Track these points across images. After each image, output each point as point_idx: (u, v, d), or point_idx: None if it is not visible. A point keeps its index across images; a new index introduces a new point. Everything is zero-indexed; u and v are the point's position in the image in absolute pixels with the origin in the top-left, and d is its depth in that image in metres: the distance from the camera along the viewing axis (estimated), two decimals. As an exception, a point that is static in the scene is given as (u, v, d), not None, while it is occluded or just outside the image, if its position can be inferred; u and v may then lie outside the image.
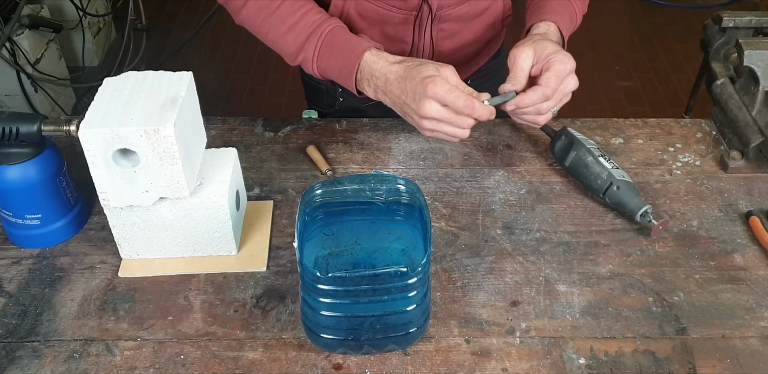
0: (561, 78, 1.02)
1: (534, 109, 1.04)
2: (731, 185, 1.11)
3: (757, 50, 1.11)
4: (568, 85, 1.04)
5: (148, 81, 0.92)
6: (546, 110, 1.04)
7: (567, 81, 1.03)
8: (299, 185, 1.11)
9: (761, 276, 0.97)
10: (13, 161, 0.93)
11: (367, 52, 1.05)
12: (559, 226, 1.04)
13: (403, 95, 1.02)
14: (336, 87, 1.32)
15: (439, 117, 1.00)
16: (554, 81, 1.01)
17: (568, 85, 1.04)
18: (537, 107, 1.03)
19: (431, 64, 1.02)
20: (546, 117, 1.06)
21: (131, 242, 0.96)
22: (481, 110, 1.00)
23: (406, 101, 1.02)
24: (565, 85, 1.03)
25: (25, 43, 2.48)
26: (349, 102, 1.34)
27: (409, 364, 0.86)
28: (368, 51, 1.05)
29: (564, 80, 1.03)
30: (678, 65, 3.23)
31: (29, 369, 0.85)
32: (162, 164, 0.87)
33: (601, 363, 0.86)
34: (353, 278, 0.79)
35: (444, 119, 1.01)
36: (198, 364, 0.86)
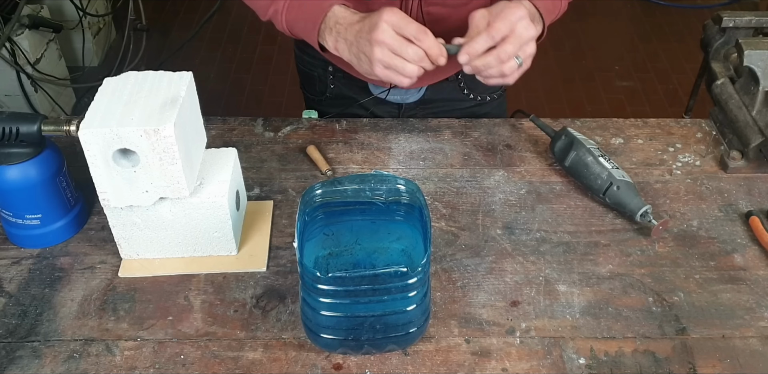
0: (509, 22, 0.99)
1: (495, 58, 0.99)
2: (731, 185, 1.11)
3: (757, 50, 1.11)
4: (523, 31, 0.99)
5: (148, 81, 0.92)
6: (506, 56, 0.99)
7: (520, 27, 0.99)
8: (299, 185, 1.11)
9: (761, 276, 0.97)
10: (13, 161, 0.93)
11: (336, 5, 1.06)
12: (559, 226, 1.04)
13: (358, 34, 1.02)
14: (327, 74, 1.33)
15: (390, 42, 0.99)
16: (500, 23, 0.98)
17: (523, 31, 0.99)
18: (497, 55, 0.99)
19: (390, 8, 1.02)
20: (510, 66, 1.01)
21: (131, 242, 0.96)
22: (430, 41, 0.99)
23: (360, 35, 1.02)
24: (519, 32, 0.99)
25: (25, 43, 2.48)
26: (339, 89, 1.34)
27: (409, 364, 0.86)
28: (337, 5, 1.06)
29: (516, 25, 0.99)
30: (678, 65, 3.23)
31: (29, 369, 0.85)
32: (162, 164, 0.87)
33: (601, 363, 0.86)
34: (353, 278, 0.79)
35: (395, 47, 0.99)
36: (198, 364, 0.86)
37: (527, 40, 1.01)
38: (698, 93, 1.38)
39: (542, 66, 3.19)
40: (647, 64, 3.25)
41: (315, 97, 1.40)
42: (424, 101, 1.32)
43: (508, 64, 1.01)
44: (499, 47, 0.99)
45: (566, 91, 3.09)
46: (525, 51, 1.02)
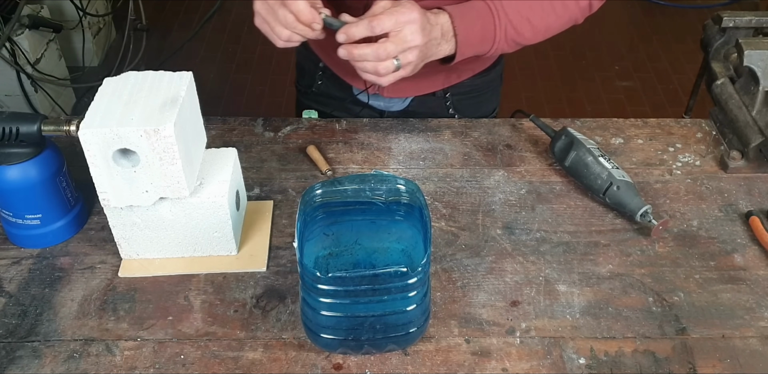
0: (395, 19, 0.96)
1: (372, 52, 0.97)
2: (731, 185, 1.11)
3: (757, 50, 1.11)
4: (408, 35, 0.97)
5: (148, 81, 0.92)
6: (385, 54, 0.97)
7: (408, 30, 0.97)
8: (299, 185, 1.11)
9: (761, 276, 0.97)
10: (13, 161, 0.93)
11: None
12: (559, 226, 1.04)
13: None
14: (317, 69, 1.32)
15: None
16: (387, 18, 0.96)
17: (408, 35, 0.97)
18: (375, 50, 0.97)
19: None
20: (386, 66, 0.98)
21: (131, 242, 0.96)
22: (299, 5, 0.97)
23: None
24: (405, 34, 0.96)
25: (25, 43, 2.48)
26: (326, 86, 1.33)
27: (409, 364, 0.86)
28: None
29: (404, 27, 0.96)
30: (678, 65, 3.23)
31: (29, 369, 0.85)
32: (162, 164, 0.87)
33: (601, 363, 0.86)
34: (353, 278, 0.79)
35: (268, 5, 0.98)
36: (198, 364, 0.86)
37: (411, 46, 0.98)
38: (698, 93, 1.38)
39: (542, 66, 3.20)
40: (647, 64, 3.25)
41: (303, 89, 1.39)
42: (407, 112, 1.30)
43: (384, 63, 0.98)
44: (380, 43, 0.97)
45: (566, 91, 3.09)
46: (406, 56, 0.99)
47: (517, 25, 1.08)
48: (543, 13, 1.10)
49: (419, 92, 1.27)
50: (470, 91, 1.30)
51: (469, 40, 1.06)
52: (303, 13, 0.98)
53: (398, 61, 0.99)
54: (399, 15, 0.97)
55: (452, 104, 1.30)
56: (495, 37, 1.07)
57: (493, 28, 1.06)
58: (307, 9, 0.98)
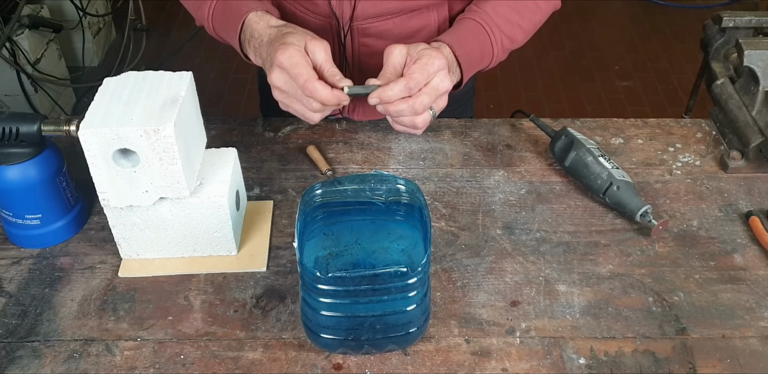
0: (427, 72, 0.96)
1: (409, 108, 0.96)
2: (731, 185, 1.11)
3: (757, 50, 1.11)
4: (439, 83, 0.97)
5: (148, 81, 0.92)
6: (422, 107, 0.97)
7: (437, 78, 0.97)
8: (299, 185, 1.11)
9: (761, 276, 0.97)
10: (13, 161, 0.93)
11: (251, 13, 1.03)
12: (559, 226, 1.04)
13: (264, 61, 1.00)
14: None
15: (285, 89, 0.97)
16: (418, 73, 0.95)
17: (439, 83, 0.97)
18: (411, 105, 0.96)
19: (303, 34, 0.98)
20: (424, 119, 0.99)
21: (131, 242, 0.96)
22: (323, 94, 0.94)
23: (266, 65, 1.00)
24: (436, 83, 0.96)
25: (25, 43, 2.48)
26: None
27: (409, 364, 0.86)
28: (253, 12, 1.03)
29: (433, 77, 0.96)
30: (678, 65, 3.23)
31: (29, 369, 0.85)
32: (162, 164, 0.87)
33: (601, 363, 0.86)
34: (353, 278, 0.79)
35: (290, 93, 0.97)
36: (198, 364, 0.86)
37: (442, 93, 0.99)
38: (698, 93, 1.38)
39: (542, 66, 3.21)
40: (647, 64, 3.25)
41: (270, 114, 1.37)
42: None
43: (422, 116, 0.99)
44: (415, 98, 0.96)
45: (566, 91, 3.09)
46: (438, 103, 0.99)
47: (510, 34, 1.09)
48: (530, 13, 1.11)
49: None
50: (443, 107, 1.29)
51: (471, 65, 1.07)
52: (328, 100, 0.95)
53: (433, 110, 1.00)
54: (429, 67, 0.96)
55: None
56: (493, 52, 1.09)
57: (490, 45, 1.08)
58: (331, 95, 0.95)
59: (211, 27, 1.11)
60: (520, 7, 1.10)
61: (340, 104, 0.97)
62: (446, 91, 0.99)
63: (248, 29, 1.03)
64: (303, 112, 0.99)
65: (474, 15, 1.08)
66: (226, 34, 1.09)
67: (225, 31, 1.08)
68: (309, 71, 0.95)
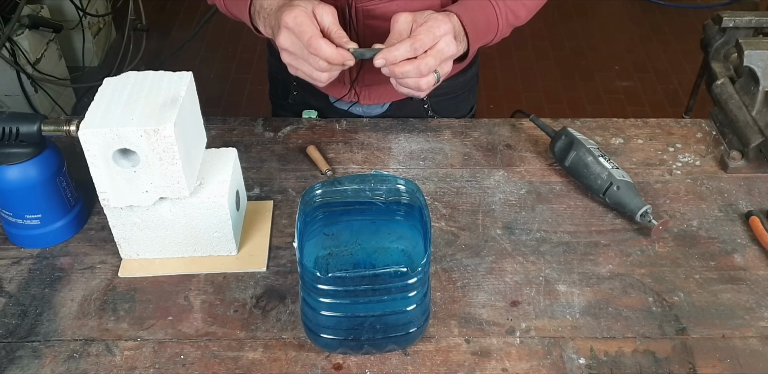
0: (433, 34, 0.97)
1: (414, 69, 0.97)
2: (731, 185, 1.11)
3: (757, 50, 1.11)
4: (445, 47, 0.98)
5: (148, 81, 0.92)
6: (427, 69, 0.98)
7: (443, 42, 0.98)
8: (299, 185, 1.11)
9: (761, 276, 0.97)
10: (13, 161, 0.93)
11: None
12: (559, 226, 1.04)
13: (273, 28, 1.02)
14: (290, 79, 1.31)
15: (292, 49, 0.98)
16: (424, 35, 0.96)
17: (444, 47, 0.98)
18: (417, 67, 0.97)
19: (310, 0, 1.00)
20: (428, 81, 0.99)
21: (131, 242, 0.96)
22: (328, 52, 0.96)
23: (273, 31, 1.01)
24: (441, 47, 0.98)
25: (25, 43, 2.48)
26: (302, 97, 1.33)
27: (409, 364, 0.86)
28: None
29: (439, 40, 0.97)
30: (678, 65, 3.23)
31: (29, 369, 0.85)
32: (162, 164, 0.87)
33: (601, 363, 0.86)
34: (353, 278, 0.79)
35: (297, 53, 0.99)
36: (198, 364, 0.86)
37: (447, 57, 1.00)
38: (698, 93, 1.38)
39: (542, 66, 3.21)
40: (647, 64, 3.25)
41: (279, 101, 1.39)
42: (386, 115, 1.30)
43: (426, 78, 1.00)
44: (421, 59, 0.98)
45: (566, 91, 3.09)
46: (443, 67, 1.00)
47: (515, 9, 1.11)
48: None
49: (397, 98, 1.26)
50: (448, 93, 1.29)
51: (477, 36, 1.08)
52: (333, 58, 0.97)
53: (438, 73, 1.01)
54: (435, 30, 0.98)
55: (431, 106, 1.29)
56: (498, 26, 1.10)
57: (495, 19, 1.10)
58: (336, 53, 0.97)
59: (222, 4, 1.13)
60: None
61: (345, 64, 0.99)
62: (452, 55, 1.00)
63: (257, 2, 1.06)
64: (310, 72, 1.00)
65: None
66: (236, 10, 1.11)
67: (236, 6, 1.10)
68: (314, 30, 0.96)
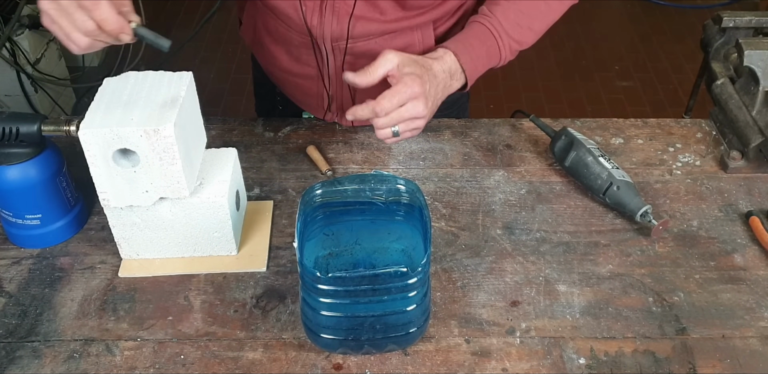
0: (398, 99, 0.98)
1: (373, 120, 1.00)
2: (731, 185, 1.11)
3: (757, 50, 1.11)
4: (409, 109, 0.99)
5: (148, 81, 0.92)
6: (382, 125, 1.00)
7: (410, 105, 0.99)
8: (299, 185, 1.11)
9: (761, 276, 0.97)
10: (13, 161, 0.93)
11: None
12: (559, 226, 1.04)
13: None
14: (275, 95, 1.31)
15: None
16: (387, 101, 0.98)
17: (408, 109, 0.99)
18: (375, 122, 1.00)
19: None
20: (385, 133, 1.02)
21: (131, 242, 0.96)
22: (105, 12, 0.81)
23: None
24: (406, 109, 0.99)
25: (25, 43, 2.48)
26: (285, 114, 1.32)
27: (409, 364, 0.86)
28: None
29: (407, 104, 0.99)
30: (678, 65, 3.23)
31: (29, 369, 0.85)
32: (162, 164, 0.87)
33: (601, 363, 0.86)
34: (353, 279, 0.79)
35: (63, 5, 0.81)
36: (198, 364, 0.86)
37: (410, 118, 1.00)
38: (698, 93, 1.38)
39: (542, 66, 3.20)
40: (647, 64, 3.25)
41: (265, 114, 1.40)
42: None
43: (382, 130, 1.01)
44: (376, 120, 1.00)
45: (566, 91, 3.09)
46: (408, 125, 1.01)
47: (519, 38, 1.10)
48: (541, 16, 1.11)
49: None
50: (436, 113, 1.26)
51: (477, 70, 1.08)
52: (108, 22, 0.82)
53: (396, 129, 1.01)
54: (400, 95, 0.98)
55: None
56: (501, 55, 1.10)
57: (497, 50, 1.09)
58: (114, 17, 0.82)
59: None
60: (531, 10, 1.09)
61: (120, 38, 0.85)
62: (417, 116, 1.01)
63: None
64: (69, 31, 0.83)
65: (483, 19, 1.08)
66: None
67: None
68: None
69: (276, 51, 1.18)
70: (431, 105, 1.02)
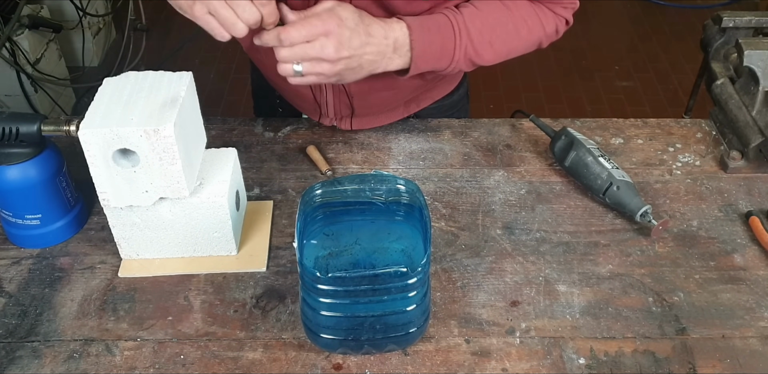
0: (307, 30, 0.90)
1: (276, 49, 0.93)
2: (731, 185, 1.11)
3: (757, 50, 1.11)
4: (316, 47, 0.91)
5: (148, 81, 0.92)
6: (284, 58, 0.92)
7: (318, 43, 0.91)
8: (299, 185, 1.11)
9: (761, 276, 0.97)
10: (13, 161, 0.93)
11: None
12: (559, 226, 1.04)
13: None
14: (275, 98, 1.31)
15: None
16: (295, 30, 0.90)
17: (315, 46, 0.91)
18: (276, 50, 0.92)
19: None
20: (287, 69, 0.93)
21: (131, 242, 0.96)
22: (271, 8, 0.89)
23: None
24: (312, 46, 0.91)
25: (25, 43, 2.48)
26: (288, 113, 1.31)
27: (409, 364, 0.86)
28: None
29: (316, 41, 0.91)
30: (678, 65, 3.23)
31: (29, 369, 0.85)
32: (162, 164, 0.87)
33: (601, 363, 0.86)
34: (353, 279, 0.79)
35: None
36: (198, 364, 0.86)
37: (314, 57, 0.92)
38: (698, 93, 1.38)
39: (542, 66, 3.20)
40: (647, 64, 3.25)
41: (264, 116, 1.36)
42: None
43: (284, 65, 0.94)
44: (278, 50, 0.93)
45: (566, 91, 3.09)
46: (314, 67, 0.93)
47: (478, 47, 1.02)
48: (507, 36, 1.04)
49: (378, 124, 1.21)
50: (435, 114, 1.26)
51: (425, 56, 1.00)
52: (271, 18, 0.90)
53: (299, 67, 0.93)
54: (310, 27, 0.91)
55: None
56: (454, 55, 1.02)
57: (452, 47, 1.01)
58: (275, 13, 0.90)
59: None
60: (497, 27, 1.03)
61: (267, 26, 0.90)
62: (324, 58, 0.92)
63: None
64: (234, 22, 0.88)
65: (450, 13, 1.01)
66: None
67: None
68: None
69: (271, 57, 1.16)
70: (347, 55, 0.93)
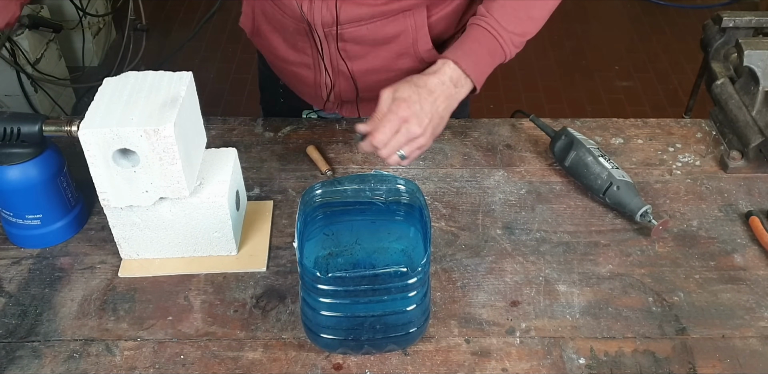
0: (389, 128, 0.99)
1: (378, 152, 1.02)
2: (731, 185, 1.11)
3: (757, 50, 1.11)
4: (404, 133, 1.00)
5: (148, 81, 0.92)
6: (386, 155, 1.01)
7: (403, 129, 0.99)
8: (299, 185, 1.11)
9: (761, 276, 0.97)
10: (14, 162, 0.93)
11: None
12: (559, 226, 1.04)
13: None
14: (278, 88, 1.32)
15: None
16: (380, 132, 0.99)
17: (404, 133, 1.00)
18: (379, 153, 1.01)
19: None
20: (394, 160, 1.02)
21: (131, 242, 0.96)
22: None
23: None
24: (401, 134, 0.99)
25: (25, 43, 2.47)
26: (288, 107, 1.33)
27: (409, 364, 0.86)
28: None
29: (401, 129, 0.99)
30: (678, 65, 3.23)
31: (29, 369, 0.85)
32: (162, 164, 0.87)
33: (601, 363, 0.86)
34: (353, 279, 0.79)
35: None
36: (198, 364, 0.86)
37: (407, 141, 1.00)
38: (698, 93, 1.38)
39: (542, 66, 3.20)
40: (647, 64, 3.25)
41: (268, 108, 1.41)
42: None
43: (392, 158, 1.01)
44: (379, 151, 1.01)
45: (566, 91, 3.09)
46: (411, 146, 1.01)
47: (520, 31, 1.08)
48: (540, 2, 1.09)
49: None
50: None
51: (482, 72, 1.07)
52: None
53: (401, 153, 1.01)
54: (390, 124, 0.99)
55: None
56: (504, 52, 1.09)
57: (499, 47, 1.08)
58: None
59: None
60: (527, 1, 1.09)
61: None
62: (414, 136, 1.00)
63: None
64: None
65: (480, 20, 1.08)
66: None
67: None
68: None
69: (274, 39, 1.19)
70: (429, 121, 1.01)
